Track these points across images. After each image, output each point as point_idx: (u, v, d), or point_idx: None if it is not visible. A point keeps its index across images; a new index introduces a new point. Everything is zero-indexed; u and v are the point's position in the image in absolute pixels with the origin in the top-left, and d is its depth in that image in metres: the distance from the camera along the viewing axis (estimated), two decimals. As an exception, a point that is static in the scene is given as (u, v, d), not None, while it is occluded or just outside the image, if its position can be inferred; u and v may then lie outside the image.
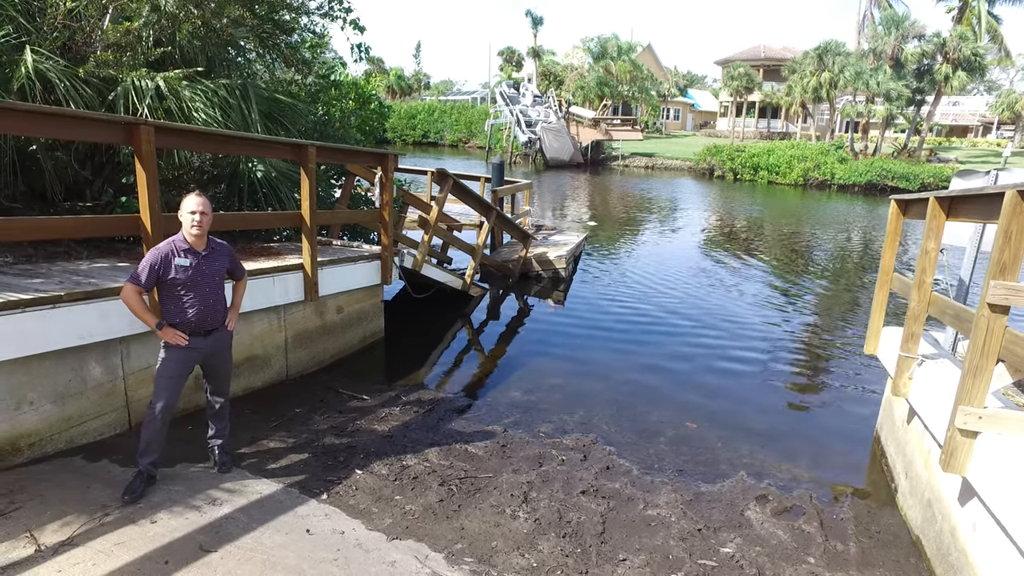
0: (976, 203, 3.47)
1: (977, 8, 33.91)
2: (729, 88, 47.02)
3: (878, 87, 32.55)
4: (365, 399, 5.44)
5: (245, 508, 3.55)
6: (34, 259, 5.01)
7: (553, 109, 40.33)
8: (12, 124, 3.67)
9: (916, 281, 4.11)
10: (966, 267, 4.79)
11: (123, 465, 3.85)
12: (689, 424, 5.42)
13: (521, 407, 5.59)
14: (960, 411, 2.97)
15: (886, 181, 29.89)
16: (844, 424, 5.67)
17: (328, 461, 4.27)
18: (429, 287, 8.11)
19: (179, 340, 3.51)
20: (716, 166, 35.37)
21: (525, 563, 3.36)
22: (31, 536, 3.05)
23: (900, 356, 4.29)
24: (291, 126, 7.00)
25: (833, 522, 4.01)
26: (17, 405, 3.71)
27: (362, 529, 3.52)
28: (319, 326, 6.09)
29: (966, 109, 55.29)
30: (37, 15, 5.33)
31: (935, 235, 3.99)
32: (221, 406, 3.92)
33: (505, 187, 11.59)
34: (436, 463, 4.37)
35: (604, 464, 4.55)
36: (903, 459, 4.35)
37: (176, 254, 3.47)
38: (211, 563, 3.02)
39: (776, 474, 4.64)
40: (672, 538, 3.69)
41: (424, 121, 52.85)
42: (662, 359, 7.09)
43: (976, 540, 3.02)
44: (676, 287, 10.56)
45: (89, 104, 5.09)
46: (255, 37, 7.10)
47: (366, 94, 10.95)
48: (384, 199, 6.53)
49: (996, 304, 2.81)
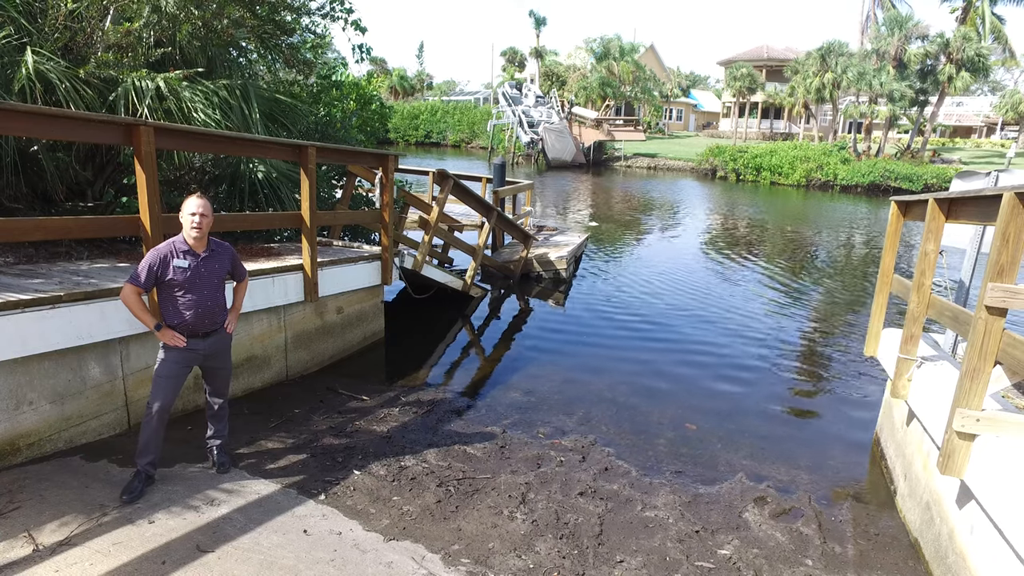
0: (975, 205, 3.46)
1: (981, 8, 33.82)
2: (732, 89, 47.00)
3: (881, 87, 32.52)
4: (364, 400, 5.44)
5: (243, 508, 3.55)
6: (35, 259, 5.03)
7: (555, 110, 40.38)
8: (13, 125, 3.68)
9: (915, 283, 4.10)
10: (966, 269, 4.77)
11: (122, 465, 3.86)
12: (688, 425, 5.42)
13: (520, 408, 5.59)
14: (958, 413, 2.96)
15: (889, 182, 29.83)
16: (844, 426, 5.66)
17: (326, 462, 4.28)
18: (430, 288, 8.12)
19: (177, 341, 3.52)
20: (719, 167, 35.35)
21: (522, 564, 3.36)
22: (29, 536, 3.06)
23: (899, 358, 4.28)
24: (292, 127, 7.02)
25: (832, 524, 3.99)
26: (16, 405, 3.73)
27: (359, 530, 3.52)
28: (319, 327, 6.10)
29: (970, 110, 55.07)
30: (38, 16, 5.35)
31: (934, 237, 3.98)
32: (220, 407, 3.93)
33: (506, 188, 11.58)
34: (434, 464, 4.37)
35: (603, 465, 4.55)
36: (902, 461, 4.34)
37: (175, 255, 3.48)
38: (208, 563, 3.03)
39: (775, 476, 4.63)
40: (670, 540, 3.68)
41: (427, 121, 52.94)
42: (662, 360, 7.08)
43: (974, 543, 3.01)
44: (677, 288, 10.55)
45: (90, 105, 5.10)
46: (256, 38, 7.12)
47: (367, 95, 10.96)
48: (384, 200, 6.53)
49: (994, 306, 2.80)
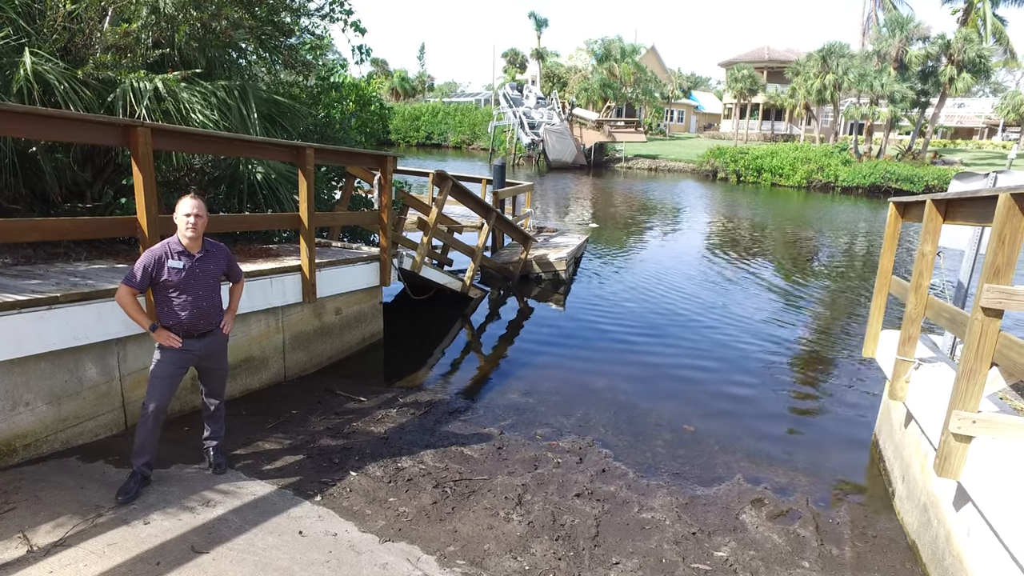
0: (971, 206, 3.45)
1: (982, 9, 33.81)
2: (733, 90, 47.02)
3: (882, 89, 32.52)
4: (362, 401, 5.44)
5: (239, 509, 3.55)
6: (33, 260, 5.04)
7: (556, 111, 40.40)
8: (10, 126, 3.67)
9: (913, 284, 4.09)
10: (964, 270, 4.76)
11: (118, 466, 3.85)
12: (686, 427, 5.41)
13: (518, 409, 5.58)
14: (954, 415, 2.95)
15: (890, 183, 29.80)
16: (842, 428, 5.64)
17: (323, 463, 4.27)
18: (428, 289, 8.11)
19: (172, 342, 3.52)
20: (719, 168, 35.35)
21: (517, 566, 3.35)
22: (23, 537, 3.06)
23: (897, 360, 4.26)
24: (291, 128, 7.02)
25: (829, 526, 3.98)
26: (13, 406, 3.73)
27: (355, 531, 3.52)
28: (317, 327, 6.09)
29: (971, 111, 55.03)
30: (37, 17, 5.36)
31: (932, 238, 3.97)
32: (216, 408, 3.93)
33: (506, 189, 11.58)
34: (431, 465, 4.36)
35: (600, 467, 4.54)
36: (900, 463, 4.33)
37: (169, 256, 3.48)
38: (203, 564, 3.03)
39: (773, 477, 4.62)
40: (666, 541, 3.67)
41: (428, 123, 52.97)
42: (660, 362, 7.07)
43: (970, 545, 3.00)
44: (676, 290, 10.54)
45: (88, 106, 5.10)
46: (255, 39, 7.13)
47: (366, 96, 10.97)
48: (383, 201, 6.53)
49: (990, 307, 2.79)
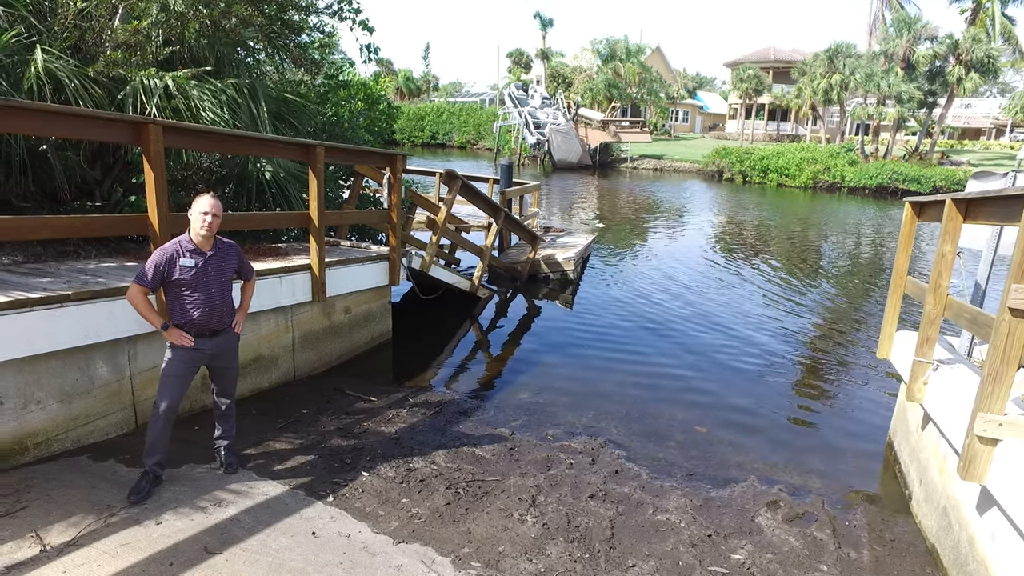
0: (995, 205, 3.40)
1: (991, 9, 33.57)
2: (738, 90, 46.79)
3: (889, 89, 32.32)
4: (372, 400, 5.41)
5: (251, 510, 3.52)
6: (43, 258, 5.02)
7: (561, 111, 40.30)
8: (21, 123, 3.66)
9: (932, 284, 4.03)
10: (982, 270, 4.70)
11: (129, 465, 3.83)
12: (699, 428, 5.36)
13: (529, 409, 5.54)
14: (979, 418, 2.90)
15: (897, 184, 29.64)
16: (856, 429, 5.59)
17: (334, 463, 4.24)
18: (437, 288, 8.08)
19: (184, 341, 3.49)
20: (725, 168, 35.20)
21: (533, 568, 3.31)
22: (37, 536, 3.04)
23: (915, 361, 4.21)
24: (300, 126, 7.00)
25: (846, 529, 3.93)
26: (24, 404, 3.71)
27: (368, 532, 3.48)
28: (326, 327, 6.07)
29: (979, 111, 54.67)
30: (48, 15, 5.35)
31: (952, 238, 3.91)
32: (227, 407, 3.90)
33: (513, 188, 11.55)
34: (443, 466, 4.33)
35: (613, 468, 4.50)
36: (917, 465, 4.27)
37: (181, 254, 3.45)
38: (216, 565, 3.00)
39: (787, 479, 4.57)
40: (682, 544, 3.63)
41: (433, 123, 52.92)
42: (671, 362, 7.03)
43: (996, 550, 2.95)
44: (685, 289, 10.49)
45: (98, 103, 5.09)
46: (264, 37, 7.11)
47: (375, 95, 10.94)
48: (392, 200, 6.51)
49: (1018, 308, 2.74)
